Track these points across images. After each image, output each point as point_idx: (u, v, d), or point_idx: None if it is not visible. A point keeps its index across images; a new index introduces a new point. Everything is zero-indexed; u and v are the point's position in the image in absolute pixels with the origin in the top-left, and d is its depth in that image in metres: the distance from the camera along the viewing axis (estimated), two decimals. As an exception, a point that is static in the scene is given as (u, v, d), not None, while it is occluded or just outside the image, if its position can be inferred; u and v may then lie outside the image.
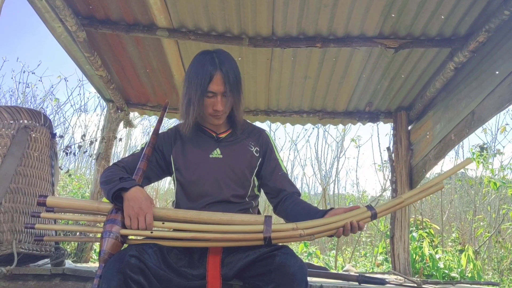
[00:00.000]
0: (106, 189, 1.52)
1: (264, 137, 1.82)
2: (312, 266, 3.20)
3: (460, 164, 1.63)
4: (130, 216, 1.42)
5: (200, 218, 1.47)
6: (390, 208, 1.54)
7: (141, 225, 1.41)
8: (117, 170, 1.62)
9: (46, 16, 2.78)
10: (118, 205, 1.46)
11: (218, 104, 1.63)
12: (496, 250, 5.65)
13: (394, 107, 3.92)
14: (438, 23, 2.76)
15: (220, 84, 1.62)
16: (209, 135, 1.76)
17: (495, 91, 2.57)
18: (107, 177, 1.57)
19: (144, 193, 1.46)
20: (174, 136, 1.78)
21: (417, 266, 4.43)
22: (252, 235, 1.42)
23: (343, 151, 7.01)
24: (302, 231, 1.42)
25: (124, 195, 1.45)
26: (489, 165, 5.52)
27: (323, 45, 2.95)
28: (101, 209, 1.50)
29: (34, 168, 2.06)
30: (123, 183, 1.48)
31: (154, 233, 1.44)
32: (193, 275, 1.44)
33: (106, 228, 1.43)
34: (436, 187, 1.58)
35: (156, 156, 1.74)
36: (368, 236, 6.79)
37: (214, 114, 1.67)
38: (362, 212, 1.49)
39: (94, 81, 3.70)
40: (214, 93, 1.62)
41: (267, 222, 1.42)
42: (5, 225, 1.90)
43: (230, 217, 1.47)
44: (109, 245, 1.40)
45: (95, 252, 4.23)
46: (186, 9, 2.77)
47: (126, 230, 1.43)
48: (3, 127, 2.00)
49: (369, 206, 1.51)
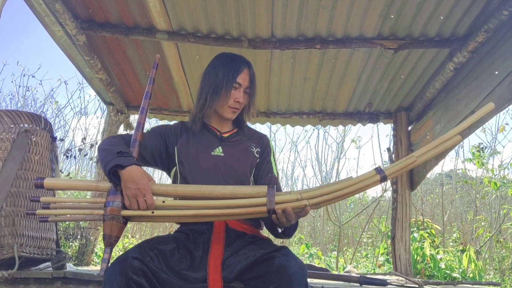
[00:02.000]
0: (103, 160, 1.49)
1: (265, 140, 1.86)
2: (313, 267, 3.19)
3: (481, 110, 1.42)
4: (129, 197, 1.41)
5: (201, 192, 1.44)
6: (401, 169, 1.41)
7: (141, 206, 1.41)
8: (118, 142, 1.59)
9: (46, 20, 2.79)
10: (114, 182, 1.44)
11: (240, 97, 1.72)
12: (497, 250, 5.64)
13: (394, 108, 3.92)
14: (437, 24, 2.77)
15: (247, 79, 1.75)
16: (213, 133, 1.79)
17: (494, 91, 2.58)
18: (107, 145, 1.54)
19: (141, 171, 1.44)
20: (180, 130, 1.80)
21: (419, 266, 4.42)
22: (256, 208, 1.39)
23: (343, 152, 7.01)
24: (307, 201, 1.37)
25: (121, 173, 1.42)
26: (488, 165, 5.52)
27: (322, 46, 2.96)
28: (99, 188, 1.48)
29: (35, 172, 2.06)
30: (120, 158, 1.44)
31: (156, 212, 1.42)
32: (194, 278, 1.44)
33: (107, 211, 1.42)
34: (453, 140, 1.42)
35: (159, 142, 1.73)
36: (369, 237, 6.79)
37: (233, 106, 1.73)
38: (371, 176, 1.39)
39: (94, 84, 3.71)
40: (240, 85, 1.73)
41: (270, 193, 1.38)
42: (6, 229, 1.90)
43: (232, 190, 1.43)
44: (112, 228, 1.40)
45: (96, 255, 4.23)
46: (186, 11, 2.78)
47: (127, 211, 1.42)
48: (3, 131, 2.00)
49: (378, 168, 1.40)
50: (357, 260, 6.12)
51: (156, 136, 1.74)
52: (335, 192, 1.37)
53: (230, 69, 1.72)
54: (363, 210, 6.79)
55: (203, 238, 1.57)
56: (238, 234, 1.59)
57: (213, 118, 1.80)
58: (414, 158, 1.40)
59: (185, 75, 3.51)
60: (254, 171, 1.78)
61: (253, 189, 1.43)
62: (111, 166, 1.42)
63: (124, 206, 1.43)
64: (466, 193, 7.06)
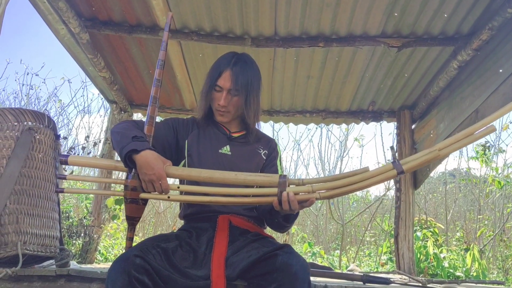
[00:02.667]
0: (118, 143, 1.51)
1: (273, 144, 1.87)
2: (316, 266, 3.19)
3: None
4: (145, 182, 1.46)
5: (214, 178, 1.48)
6: (421, 163, 1.30)
7: (157, 190, 1.46)
8: (131, 126, 1.60)
9: (49, 18, 2.80)
10: (129, 166, 1.48)
11: (220, 99, 1.68)
12: (501, 249, 5.62)
13: (397, 106, 3.91)
14: (441, 22, 2.76)
15: (228, 81, 1.68)
16: (222, 131, 1.80)
17: (499, 89, 2.57)
18: (121, 129, 1.56)
19: (155, 156, 1.46)
20: (192, 124, 1.81)
21: (422, 265, 4.42)
22: (267, 198, 1.42)
23: (346, 150, 7.01)
24: (318, 194, 1.37)
25: (135, 158, 1.45)
26: (492, 163, 5.50)
27: (325, 44, 2.95)
28: (118, 168, 1.55)
29: (38, 170, 2.06)
30: (135, 142, 1.47)
31: (172, 197, 1.50)
32: (197, 275, 1.44)
33: (127, 195, 1.51)
34: (486, 130, 1.27)
35: (169, 132, 1.74)
36: (372, 236, 6.78)
37: (217, 109, 1.72)
38: (387, 170, 1.32)
39: (97, 83, 3.72)
40: (221, 88, 1.69)
41: (282, 184, 1.39)
42: (10, 227, 1.90)
43: (244, 178, 1.45)
44: (132, 210, 1.54)
45: (99, 253, 4.25)
46: (189, 10, 2.78)
47: (145, 194, 1.50)
48: (7, 129, 2.00)
49: (395, 162, 1.32)
50: (360, 259, 6.11)
51: (169, 127, 1.75)
52: (349, 186, 1.34)
53: (213, 72, 1.72)
54: (366, 209, 6.78)
55: (206, 235, 1.57)
56: (241, 232, 1.59)
57: None
58: (437, 152, 1.28)
59: (188, 74, 3.51)
60: (260, 173, 1.78)
61: (265, 178, 1.45)
62: (126, 151, 1.45)
63: (142, 188, 1.49)
64: (469, 192, 7.04)
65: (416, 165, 1.31)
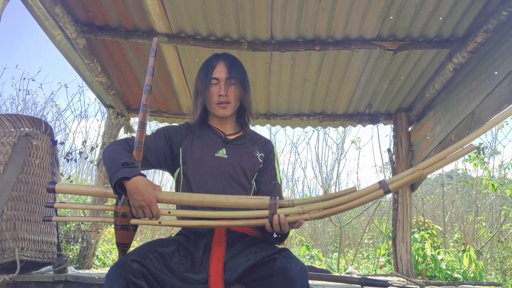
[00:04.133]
0: (108, 169, 1.51)
1: (269, 146, 1.86)
2: (315, 269, 3.19)
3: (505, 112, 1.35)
4: (136, 208, 1.44)
5: (205, 202, 1.47)
6: (406, 183, 1.37)
7: (148, 216, 1.45)
8: (121, 149, 1.59)
9: (46, 23, 2.80)
10: (119, 193, 1.47)
11: (221, 90, 1.71)
12: (499, 250, 5.63)
13: (394, 109, 3.92)
14: (436, 25, 2.77)
15: (223, 71, 1.73)
16: (217, 134, 1.79)
17: (494, 91, 2.58)
18: (111, 153, 1.55)
19: (146, 182, 1.45)
20: (186, 130, 1.80)
21: (420, 267, 4.42)
22: (258, 220, 1.42)
23: (343, 153, 7.01)
24: (308, 215, 1.39)
25: (126, 185, 1.44)
26: (487, 165, 5.51)
27: (322, 48, 2.96)
28: (108, 194, 1.52)
29: (35, 176, 2.06)
30: (125, 170, 1.46)
31: (162, 222, 1.48)
32: (195, 279, 1.44)
33: (117, 222, 1.48)
34: (466, 149, 1.34)
35: (164, 145, 1.74)
36: (370, 238, 6.78)
37: (219, 102, 1.73)
38: (374, 190, 1.37)
39: (94, 87, 3.72)
40: (218, 79, 1.73)
41: (272, 206, 1.40)
42: (7, 233, 1.90)
43: (235, 201, 1.45)
44: (123, 237, 1.51)
45: (97, 258, 4.23)
46: (185, 14, 2.78)
47: (135, 220, 1.48)
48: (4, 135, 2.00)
49: (381, 182, 1.38)
50: (358, 261, 6.11)
51: (161, 138, 1.75)
52: (337, 206, 1.37)
53: (204, 69, 1.77)
54: (364, 211, 6.79)
55: (204, 240, 1.57)
56: (239, 236, 1.59)
57: (214, 119, 1.82)
58: (420, 171, 1.35)
59: (185, 78, 3.51)
60: (257, 176, 1.77)
61: (256, 201, 1.46)
62: (117, 179, 1.44)
63: (132, 214, 1.47)
64: (466, 193, 7.05)
65: (401, 184, 1.37)
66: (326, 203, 1.39)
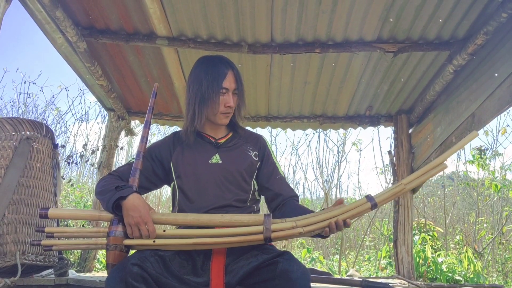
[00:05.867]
0: (103, 199, 1.52)
1: (261, 142, 1.84)
2: (316, 271, 3.19)
3: (465, 139, 1.48)
4: (131, 226, 1.43)
5: (200, 221, 1.48)
6: (391, 196, 1.49)
7: (143, 233, 1.43)
8: (111, 179, 1.61)
9: (47, 27, 2.80)
10: (118, 215, 1.46)
11: (230, 101, 1.69)
12: (500, 252, 5.63)
13: (394, 111, 3.92)
14: (436, 27, 2.77)
15: (232, 81, 1.70)
16: (208, 140, 1.77)
17: (494, 93, 2.58)
18: (102, 187, 1.56)
19: (141, 200, 1.46)
20: (173, 143, 1.78)
21: (421, 269, 4.41)
22: (253, 236, 1.43)
23: (344, 155, 7.03)
24: (302, 229, 1.41)
25: (123, 203, 1.44)
26: (489, 167, 5.51)
27: (322, 50, 2.97)
28: (102, 217, 1.51)
29: (36, 179, 2.07)
30: (120, 191, 1.47)
31: (157, 241, 1.45)
32: (196, 282, 1.44)
33: (110, 241, 1.44)
34: (439, 167, 1.48)
35: (152, 165, 1.73)
36: (371, 240, 6.77)
37: (225, 112, 1.71)
38: (362, 204, 1.46)
39: (95, 91, 3.72)
40: (227, 89, 1.69)
41: (266, 222, 1.42)
42: (8, 237, 1.90)
43: (230, 218, 1.47)
44: (115, 257, 1.43)
45: (98, 261, 4.23)
46: (185, 17, 2.79)
47: (129, 241, 1.45)
48: (5, 139, 2.01)
49: (368, 196, 1.47)
50: (360, 264, 6.10)
51: (150, 159, 1.73)
52: (327, 220, 1.43)
53: (214, 75, 1.68)
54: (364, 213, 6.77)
55: (205, 243, 1.57)
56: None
57: (207, 126, 1.78)
58: (403, 186, 1.47)
59: (185, 81, 3.52)
60: (258, 176, 1.77)
61: (250, 218, 1.48)
62: (113, 201, 1.45)
63: (126, 235, 1.45)
64: (468, 195, 7.05)
65: (386, 198, 1.48)
66: (317, 218, 1.44)
